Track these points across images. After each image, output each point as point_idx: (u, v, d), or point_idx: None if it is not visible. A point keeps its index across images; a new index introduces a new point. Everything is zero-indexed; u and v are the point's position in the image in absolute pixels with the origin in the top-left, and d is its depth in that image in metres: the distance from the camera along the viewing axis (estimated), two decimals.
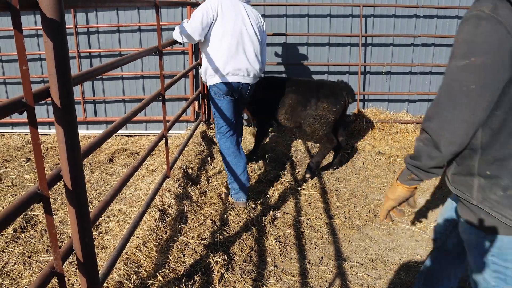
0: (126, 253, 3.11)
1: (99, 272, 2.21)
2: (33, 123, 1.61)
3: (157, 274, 2.97)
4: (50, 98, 1.76)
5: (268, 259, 3.32)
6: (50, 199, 4.17)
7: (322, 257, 3.38)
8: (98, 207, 2.32)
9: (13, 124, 6.45)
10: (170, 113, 6.08)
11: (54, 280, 2.89)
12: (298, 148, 5.60)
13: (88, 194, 4.40)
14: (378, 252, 3.47)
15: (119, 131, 6.16)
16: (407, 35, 5.99)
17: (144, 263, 3.07)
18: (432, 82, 6.24)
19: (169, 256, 3.20)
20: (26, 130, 6.38)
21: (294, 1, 5.88)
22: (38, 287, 1.78)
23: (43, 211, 4.03)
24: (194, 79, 6.03)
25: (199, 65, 5.65)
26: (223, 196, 4.23)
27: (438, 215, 4.13)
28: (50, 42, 1.69)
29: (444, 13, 6.05)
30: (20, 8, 1.49)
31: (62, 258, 1.96)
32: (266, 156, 5.31)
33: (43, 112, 6.39)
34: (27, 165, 5.29)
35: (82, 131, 6.21)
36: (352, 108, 6.17)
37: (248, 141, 5.76)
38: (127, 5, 2.97)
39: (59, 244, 3.57)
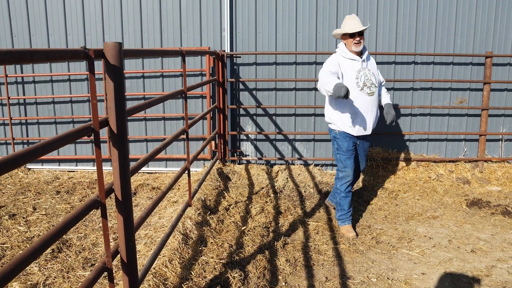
0: (154, 268, 3.52)
1: None
2: (97, 144, 2.11)
3: (182, 286, 3.38)
4: (105, 128, 2.26)
5: (280, 277, 3.71)
6: (82, 225, 4.66)
7: (327, 276, 3.76)
8: (140, 218, 2.79)
9: (43, 161, 7.00)
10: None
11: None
12: (307, 184, 6.03)
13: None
14: (379, 272, 3.85)
15: (141, 168, 6.68)
16: (407, 80, 6.53)
17: (170, 277, 3.48)
18: (431, 122, 6.71)
19: (191, 272, 3.60)
20: (54, 167, 6.93)
21: (303, 50, 6.47)
22: (93, 279, 2.23)
23: (76, 235, 4.50)
24: (212, 121, 6.57)
25: (216, 107, 6.21)
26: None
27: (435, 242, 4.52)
28: (111, 82, 2.22)
29: (440, 60, 6.60)
30: (94, 57, 2.03)
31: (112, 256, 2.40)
32: (278, 191, 5.75)
33: (71, 150, 6.93)
34: (57, 197, 5.78)
35: (107, 168, 6.71)
36: None
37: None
38: (168, 55, 3.54)
39: (93, 262, 4.00)
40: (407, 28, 6.52)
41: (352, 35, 4.38)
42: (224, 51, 6.32)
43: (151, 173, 6.75)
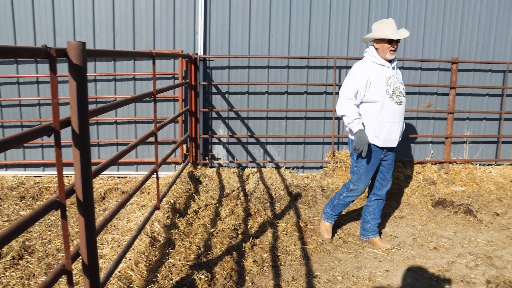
0: (119, 272, 3.51)
1: None
2: (58, 144, 2.11)
3: None
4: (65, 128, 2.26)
5: (247, 278, 3.74)
6: (46, 231, 4.60)
7: (294, 276, 3.80)
8: (104, 219, 2.79)
9: (7, 166, 6.84)
10: (160, 155, 6.57)
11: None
12: (277, 187, 6.08)
13: None
14: (345, 270, 3.92)
15: (111, 172, 6.64)
16: None
17: (136, 280, 3.47)
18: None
19: (158, 275, 3.61)
20: (20, 172, 6.79)
21: (276, 54, 6.54)
22: (50, 281, 2.22)
23: (40, 241, 4.45)
24: (183, 124, 6.57)
25: (188, 111, 6.23)
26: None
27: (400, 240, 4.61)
28: (74, 82, 2.22)
29: (409, 65, 6.75)
30: (56, 56, 2.03)
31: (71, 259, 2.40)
32: (249, 193, 5.79)
33: (38, 155, 6.82)
34: (22, 203, 5.68)
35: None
36: (327, 150, 6.74)
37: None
38: (137, 56, 3.54)
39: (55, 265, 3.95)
40: None
41: (390, 41, 4.12)
42: (197, 54, 6.34)
43: (121, 177, 6.71)
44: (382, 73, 4.18)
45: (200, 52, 6.44)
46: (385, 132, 4.19)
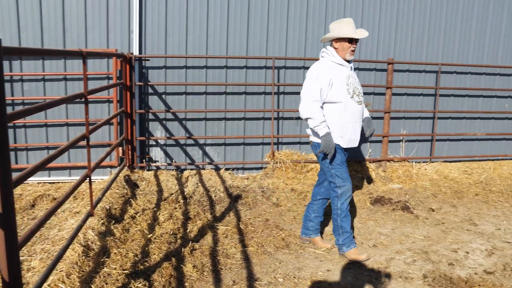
0: (48, 285, 3.29)
1: None
2: None
3: None
4: None
5: (186, 284, 3.62)
6: None
7: (235, 280, 3.73)
8: (29, 230, 2.58)
9: None
10: (95, 158, 6.29)
11: None
12: (217, 189, 5.99)
13: None
14: (286, 272, 3.89)
15: (41, 178, 6.28)
16: None
17: None
18: None
19: (92, 286, 3.41)
20: None
21: (214, 54, 6.44)
22: None
23: None
24: (119, 126, 6.33)
25: (123, 112, 6.00)
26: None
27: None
28: None
29: None
30: None
31: None
32: (188, 196, 5.66)
33: None
34: None
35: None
36: (267, 151, 6.73)
37: None
38: (64, 55, 3.32)
39: None
40: (316, 34, 6.71)
41: (350, 41, 4.06)
42: (132, 53, 6.12)
43: (53, 183, 6.36)
44: (342, 73, 4.11)
45: (136, 52, 6.22)
46: (349, 132, 4.14)
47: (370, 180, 6.56)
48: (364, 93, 6.99)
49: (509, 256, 4.37)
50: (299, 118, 6.83)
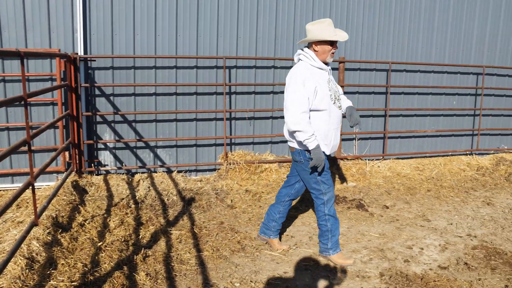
0: None
1: None
2: None
3: None
4: None
5: None
6: None
7: (190, 286, 3.61)
8: None
9: None
10: (40, 164, 5.99)
11: None
12: (170, 192, 5.83)
13: None
14: (242, 276, 3.81)
15: None
16: (267, 84, 6.67)
17: None
18: None
19: None
20: None
21: (163, 53, 6.27)
22: None
23: None
24: (65, 129, 6.05)
25: (69, 115, 5.74)
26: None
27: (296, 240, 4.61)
28: None
29: None
30: None
31: None
32: (140, 201, 5.48)
33: None
34: None
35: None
36: (220, 152, 6.63)
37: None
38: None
39: None
40: (267, 33, 6.67)
41: (332, 44, 3.84)
42: (77, 53, 5.85)
43: None
44: (323, 77, 3.88)
45: (81, 52, 5.96)
46: (333, 139, 3.99)
47: None
48: None
49: (461, 250, 4.48)
50: (251, 118, 6.77)
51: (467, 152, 8.21)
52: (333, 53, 3.90)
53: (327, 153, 4.01)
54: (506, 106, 8.47)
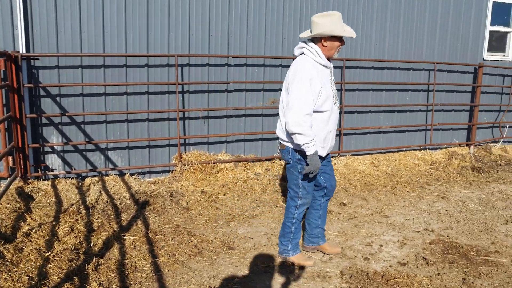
0: None
1: None
2: None
3: None
4: None
5: None
6: None
7: None
8: None
9: None
10: None
11: None
12: (123, 196, 5.61)
13: None
14: (200, 281, 3.68)
15: None
16: (221, 82, 6.53)
17: None
18: (246, 123, 6.86)
19: None
20: None
21: (112, 51, 6.01)
22: None
23: None
24: (7, 133, 5.70)
25: (11, 117, 5.41)
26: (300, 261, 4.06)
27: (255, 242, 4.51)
28: None
29: (252, 62, 6.77)
30: None
31: None
32: (91, 206, 5.23)
33: None
34: None
35: None
36: (174, 153, 6.45)
37: None
38: None
39: None
40: (219, 30, 6.53)
41: (340, 39, 3.65)
42: (19, 52, 5.52)
43: None
44: (326, 76, 3.70)
45: (22, 50, 5.61)
46: (330, 140, 3.83)
47: (281, 177, 6.53)
48: (271, 90, 7.00)
49: (420, 245, 4.53)
50: (205, 117, 6.62)
51: (421, 147, 8.38)
52: (339, 49, 3.72)
53: (323, 155, 3.83)
54: (456, 101, 8.70)
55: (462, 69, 8.65)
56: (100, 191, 5.66)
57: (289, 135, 3.66)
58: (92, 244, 4.32)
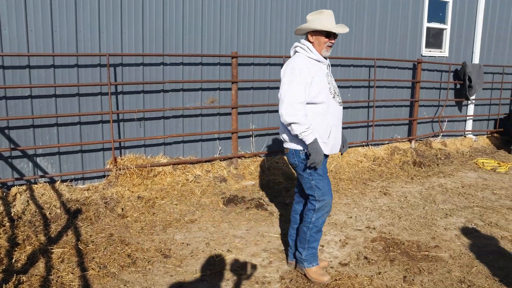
0: None
1: None
2: None
3: None
4: None
5: None
6: None
7: None
8: None
9: None
10: None
11: None
12: (53, 205, 5.26)
13: None
14: None
15: None
16: (156, 82, 6.27)
17: None
18: (184, 124, 6.63)
19: None
20: None
21: (37, 51, 5.62)
22: None
23: None
24: None
25: None
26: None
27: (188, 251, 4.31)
28: None
29: (189, 60, 6.55)
30: None
31: None
32: (16, 217, 4.85)
33: None
34: None
35: None
36: (108, 157, 6.14)
37: None
38: None
39: None
40: (154, 28, 6.27)
41: (328, 35, 3.57)
42: None
43: None
44: (321, 70, 3.62)
45: None
46: (332, 137, 3.64)
47: (222, 179, 6.35)
48: (210, 89, 6.81)
49: (361, 244, 4.48)
50: (141, 119, 6.34)
51: (364, 144, 8.44)
52: (329, 46, 3.63)
53: (327, 153, 3.66)
54: (397, 97, 8.84)
55: (401, 65, 8.80)
56: (28, 201, 5.28)
57: (290, 134, 3.59)
58: (14, 260, 3.98)
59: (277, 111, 7.41)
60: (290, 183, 6.48)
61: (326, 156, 3.71)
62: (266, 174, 6.70)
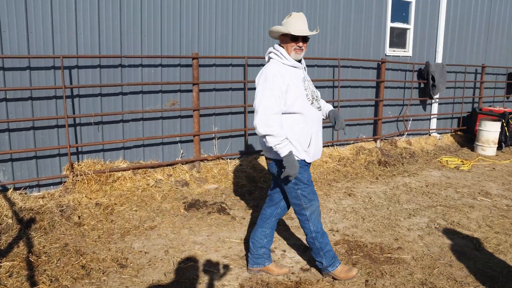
0: None
1: None
2: None
3: None
4: None
5: None
6: None
7: None
8: None
9: None
10: None
11: None
12: (4, 214, 4.99)
13: None
14: None
15: None
16: (114, 84, 6.05)
17: None
18: (144, 127, 6.44)
19: None
20: None
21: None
22: None
23: None
24: None
25: None
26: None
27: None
28: None
29: (148, 62, 6.36)
30: None
31: None
32: None
33: None
34: None
35: None
36: (65, 162, 5.89)
37: None
38: None
39: None
40: (111, 28, 6.05)
41: (294, 39, 3.44)
42: None
43: None
44: (296, 75, 3.50)
45: None
46: (313, 144, 3.54)
47: (184, 183, 6.18)
48: (170, 91, 6.63)
49: None
50: (99, 123, 6.12)
51: (329, 144, 8.40)
52: (297, 49, 3.49)
53: (308, 161, 3.56)
54: (361, 97, 8.85)
55: (365, 65, 8.81)
56: None
57: (271, 149, 3.45)
58: None
59: (240, 112, 7.30)
60: (253, 185, 6.36)
61: (308, 163, 3.62)
62: (230, 177, 6.56)
